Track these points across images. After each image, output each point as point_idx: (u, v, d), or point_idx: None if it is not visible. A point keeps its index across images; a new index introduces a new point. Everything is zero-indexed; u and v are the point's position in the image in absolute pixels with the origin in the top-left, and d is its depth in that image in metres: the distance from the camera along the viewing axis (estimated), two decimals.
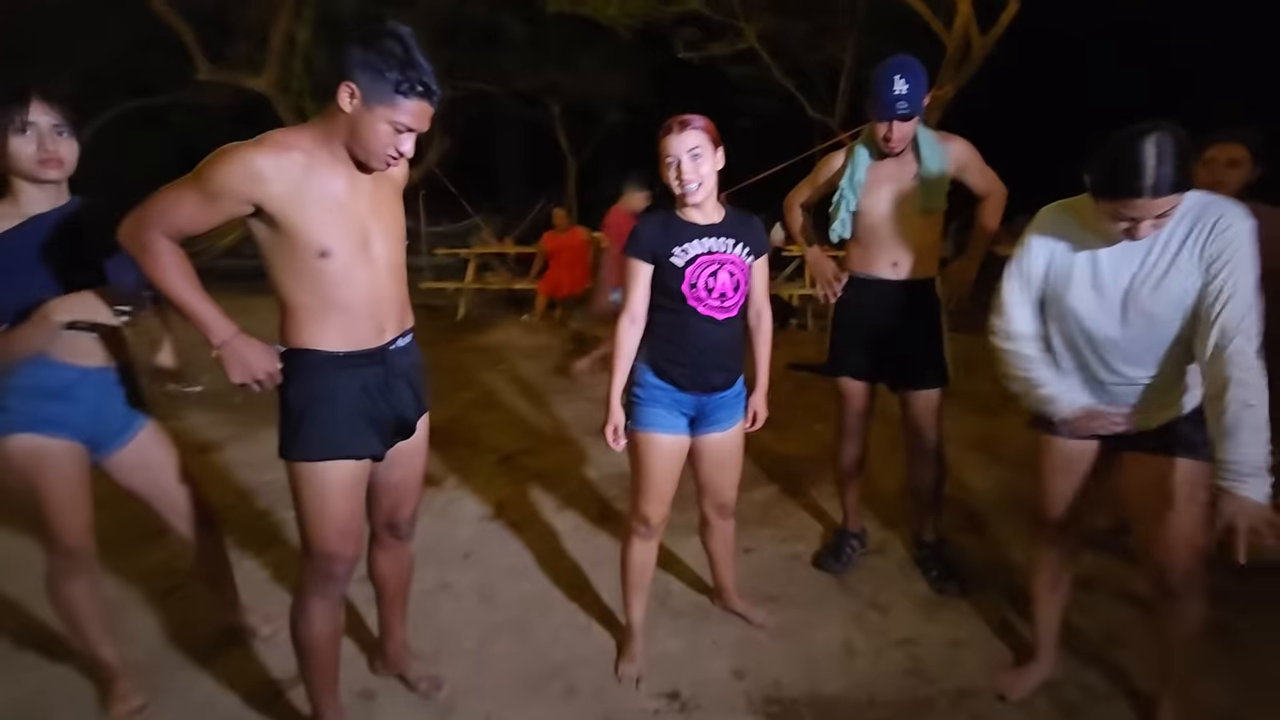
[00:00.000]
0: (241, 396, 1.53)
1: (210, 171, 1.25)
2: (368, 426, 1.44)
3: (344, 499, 1.44)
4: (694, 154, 1.61)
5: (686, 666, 1.93)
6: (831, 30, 8.43)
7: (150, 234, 1.28)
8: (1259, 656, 1.94)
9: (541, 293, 6.77)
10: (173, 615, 2.15)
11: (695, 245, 1.67)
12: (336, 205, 1.33)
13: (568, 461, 3.37)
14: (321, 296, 1.34)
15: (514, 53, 9.72)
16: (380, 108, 1.28)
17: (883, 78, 1.97)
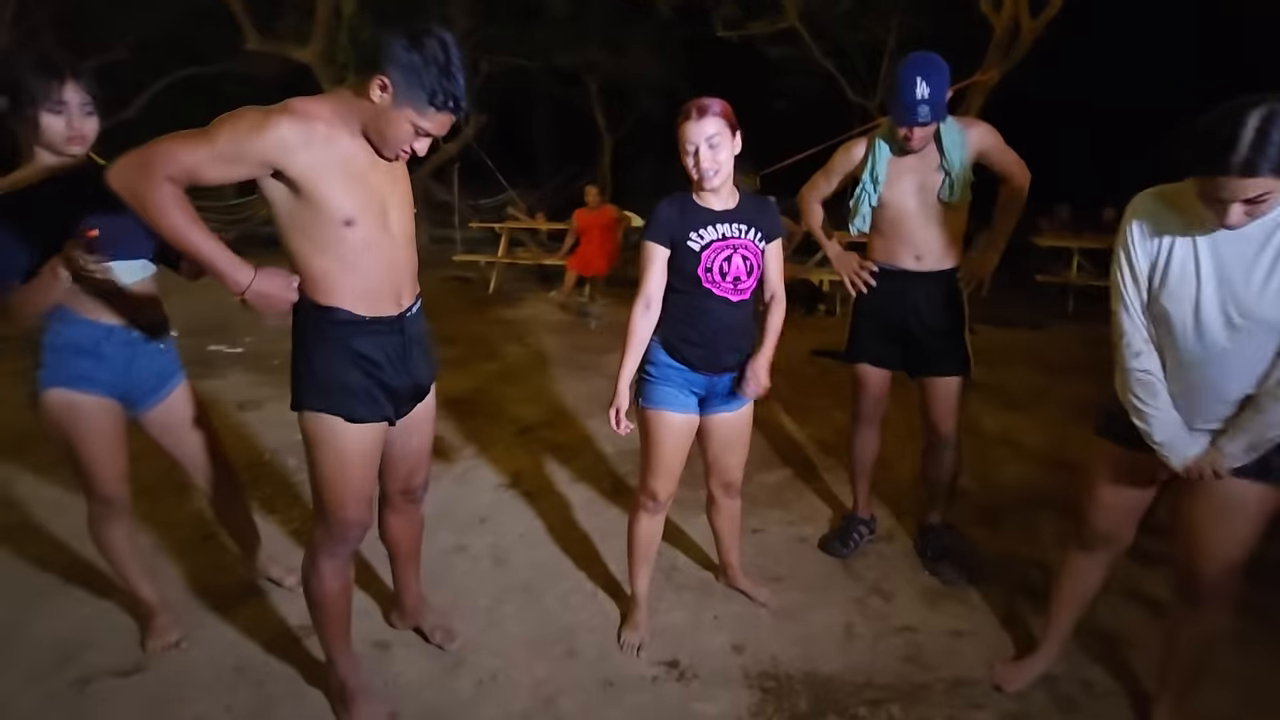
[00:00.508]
0: (280, 359, 1.60)
1: (232, 132, 1.25)
2: (386, 393, 1.48)
3: (362, 465, 1.49)
4: (712, 142, 1.62)
5: (687, 638, 1.99)
6: (875, 9, 8.19)
7: (154, 179, 1.21)
8: (1262, 664, 1.91)
9: (571, 269, 6.82)
10: (205, 562, 2.28)
11: (710, 231, 1.69)
12: (359, 176, 1.36)
13: (584, 436, 3.43)
14: (345, 263, 1.37)
15: (554, 29, 9.69)
16: (409, 109, 1.31)
17: (904, 78, 1.91)
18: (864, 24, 8.39)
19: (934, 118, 1.93)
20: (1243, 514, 1.44)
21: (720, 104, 1.65)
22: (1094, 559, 1.74)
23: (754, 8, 8.05)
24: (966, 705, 1.76)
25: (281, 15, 8.99)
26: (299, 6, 8.72)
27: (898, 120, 1.98)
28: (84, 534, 1.84)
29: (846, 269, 2.27)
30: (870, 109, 8.58)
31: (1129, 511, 1.64)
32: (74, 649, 1.87)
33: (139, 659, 1.84)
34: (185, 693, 1.75)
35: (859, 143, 2.21)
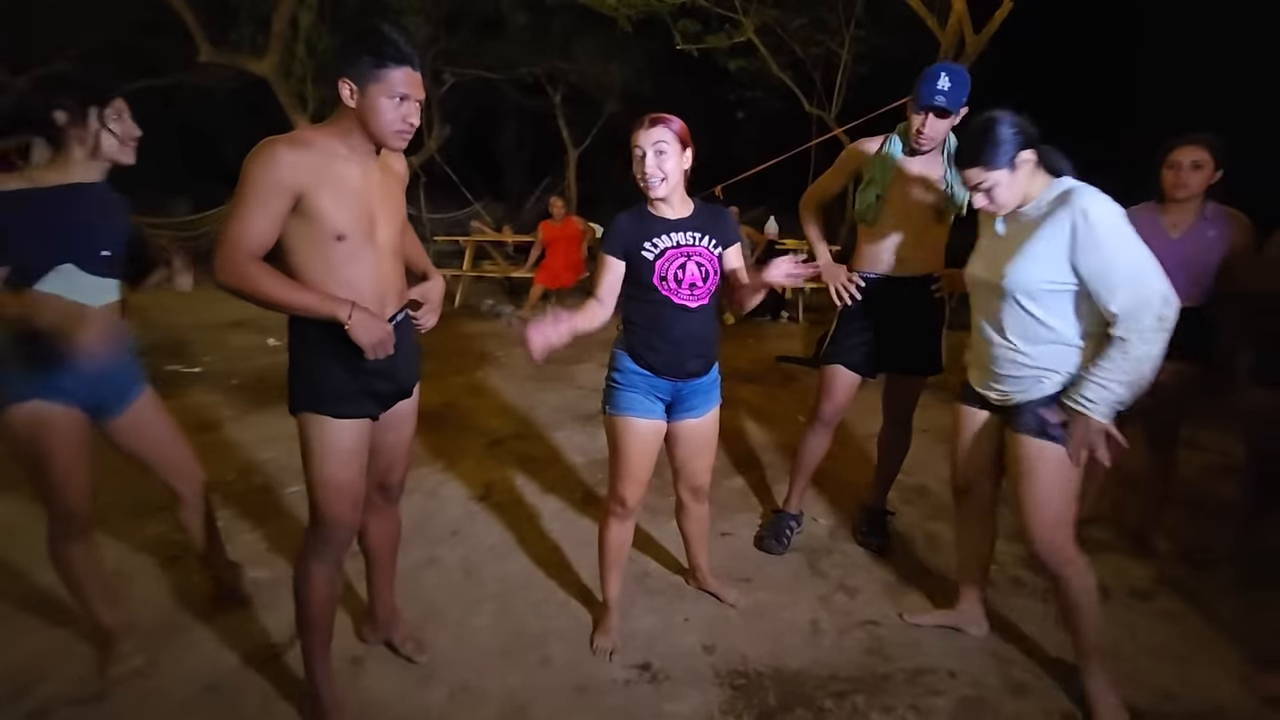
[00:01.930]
0: (239, 379, 1.61)
1: (255, 176, 1.37)
2: (370, 394, 1.56)
3: (348, 461, 1.55)
4: (658, 148, 1.69)
5: (659, 641, 2.03)
6: (828, 25, 8.44)
7: (243, 269, 1.37)
8: (1195, 640, 2.04)
9: (537, 283, 6.83)
10: (172, 583, 2.24)
11: (664, 239, 1.75)
12: (351, 193, 1.46)
13: (554, 447, 3.46)
14: (333, 275, 1.46)
15: (516, 41, 9.72)
16: (373, 87, 1.41)
17: (928, 73, 2.06)
18: (819, 39, 8.63)
19: (949, 106, 2.04)
20: (1036, 472, 1.65)
21: (675, 120, 1.72)
22: (968, 507, 1.98)
23: (712, 22, 8.22)
24: (926, 693, 1.84)
25: (236, 26, 8.83)
26: (255, 18, 8.59)
27: (915, 106, 2.08)
28: (38, 561, 1.80)
29: (834, 280, 2.34)
30: (828, 121, 8.81)
31: (979, 463, 1.90)
32: (29, 680, 1.82)
33: (99, 687, 1.80)
34: (152, 717, 1.72)
35: (871, 141, 2.29)
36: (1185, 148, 2.23)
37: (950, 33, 6.17)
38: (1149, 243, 2.39)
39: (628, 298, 1.83)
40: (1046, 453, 1.63)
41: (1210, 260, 2.25)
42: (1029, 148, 1.59)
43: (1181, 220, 2.29)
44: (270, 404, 3.86)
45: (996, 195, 1.61)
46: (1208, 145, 2.22)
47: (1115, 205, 1.55)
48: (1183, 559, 2.46)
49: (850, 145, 2.35)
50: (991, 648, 2.01)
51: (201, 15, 7.94)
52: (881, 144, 2.25)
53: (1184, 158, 2.23)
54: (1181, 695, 1.83)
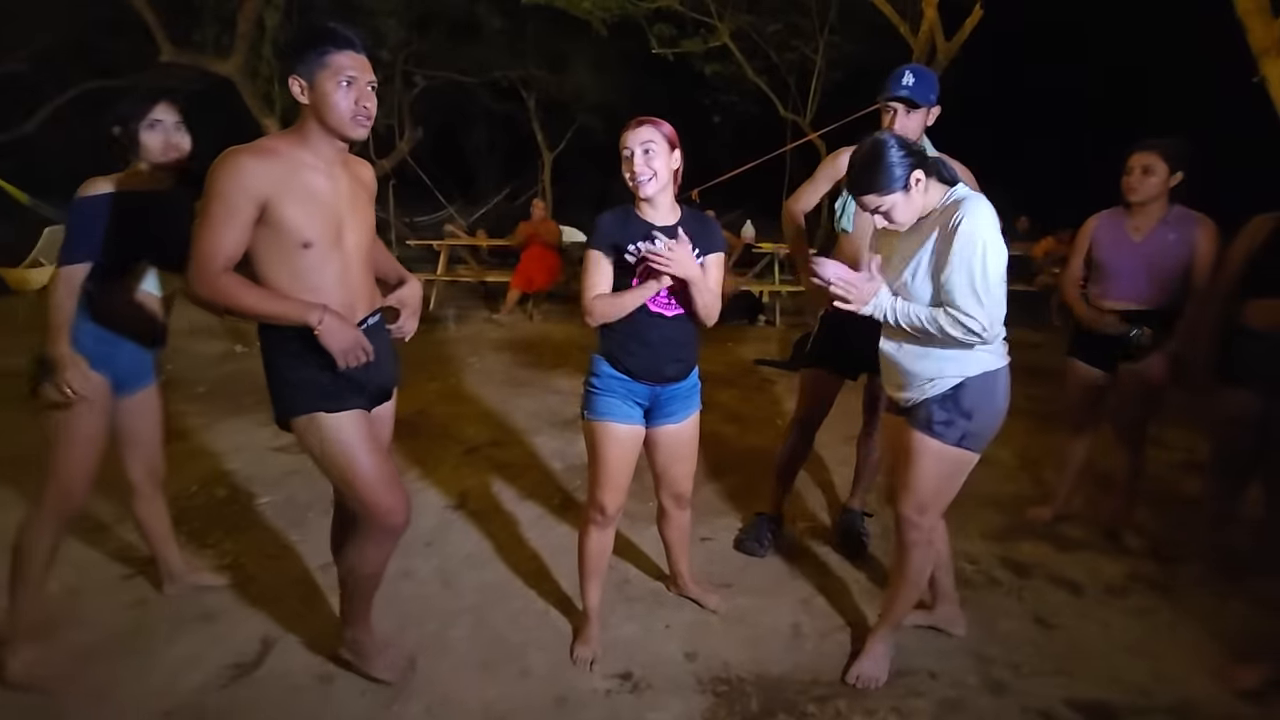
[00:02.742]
0: (205, 386, 1.58)
1: (222, 187, 1.38)
2: (356, 389, 1.57)
3: (373, 449, 1.57)
4: (646, 148, 1.67)
5: (640, 649, 2.00)
6: (803, 31, 8.53)
7: (216, 282, 1.39)
8: (1167, 635, 2.08)
9: (513, 287, 6.78)
10: (128, 600, 2.15)
11: (646, 244, 1.71)
12: (318, 201, 1.47)
13: (531, 453, 3.41)
14: (300, 283, 1.47)
15: (490, 44, 9.64)
16: (319, 75, 1.42)
17: (895, 72, 2.13)
18: (794, 44, 8.72)
19: (913, 98, 2.09)
20: (918, 460, 1.76)
21: (664, 123, 1.71)
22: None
23: (688, 26, 8.25)
24: (907, 694, 1.84)
25: (200, 26, 8.62)
26: (219, 17, 8.40)
27: (881, 99, 2.14)
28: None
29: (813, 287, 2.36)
30: (803, 125, 8.90)
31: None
32: None
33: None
34: None
35: (848, 151, 2.25)
36: (1138, 153, 2.30)
37: (922, 39, 6.28)
38: (1113, 246, 2.47)
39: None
40: (927, 446, 1.74)
41: (1171, 262, 2.31)
42: (919, 168, 1.64)
43: (1144, 224, 2.35)
44: (240, 412, 3.74)
45: (895, 216, 1.67)
46: (1159, 150, 2.28)
47: (990, 222, 1.59)
48: (1154, 555, 2.51)
49: (828, 156, 2.37)
50: (971, 647, 2.02)
51: (164, 15, 7.74)
52: None
53: (1136, 163, 2.30)
54: (1155, 690, 1.86)
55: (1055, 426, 2.79)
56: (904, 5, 6.61)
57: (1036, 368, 4.92)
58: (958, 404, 1.69)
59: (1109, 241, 2.43)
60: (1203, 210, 2.34)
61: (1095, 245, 2.47)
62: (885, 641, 1.92)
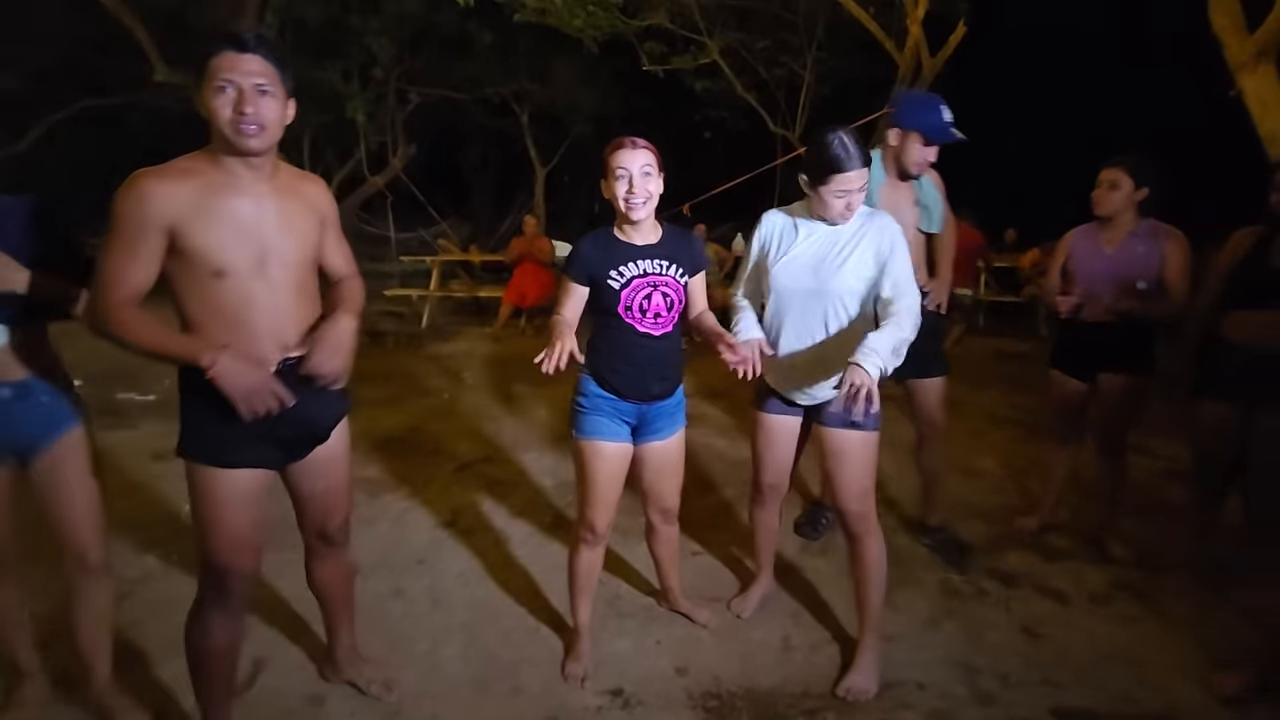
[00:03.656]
0: None
1: (120, 214, 1.28)
2: (263, 439, 1.42)
3: (238, 510, 1.43)
4: (645, 171, 1.69)
5: (631, 665, 2.01)
6: (791, 47, 8.65)
7: (111, 315, 1.29)
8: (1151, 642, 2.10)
9: (506, 302, 6.80)
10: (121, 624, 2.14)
11: (631, 268, 1.74)
12: (236, 225, 1.35)
13: (523, 470, 3.42)
14: (219, 316, 1.36)
15: (482, 61, 9.73)
16: (203, 85, 1.32)
17: (931, 103, 2.20)
18: (782, 60, 8.83)
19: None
20: (851, 457, 1.89)
21: (652, 145, 1.73)
22: (773, 502, 2.18)
23: (677, 44, 8.36)
24: (896, 706, 1.86)
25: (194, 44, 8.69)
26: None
27: (933, 137, 2.21)
28: None
29: None
30: (792, 140, 8.99)
31: (786, 463, 2.10)
32: None
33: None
34: None
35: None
36: (1106, 169, 2.39)
37: (908, 55, 6.38)
38: (1087, 257, 2.54)
39: (592, 322, 1.83)
40: (854, 440, 1.88)
41: (1139, 273, 2.37)
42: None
43: (1115, 236, 2.42)
44: None
45: (859, 199, 1.79)
46: (1125, 166, 2.35)
47: None
48: (1138, 563, 2.54)
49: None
50: (959, 658, 2.04)
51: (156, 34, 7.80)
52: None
53: (1103, 178, 2.40)
54: (1140, 698, 1.88)
55: (1041, 437, 2.82)
56: (889, 22, 6.72)
57: (1022, 378, 4.97)
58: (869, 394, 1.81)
59: (1083, 253, 2.50)
60: (1177, 224, 2.40)
61: (1070, 257, 2.54)
62: (873, 651, 1.96)
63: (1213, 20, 3.63)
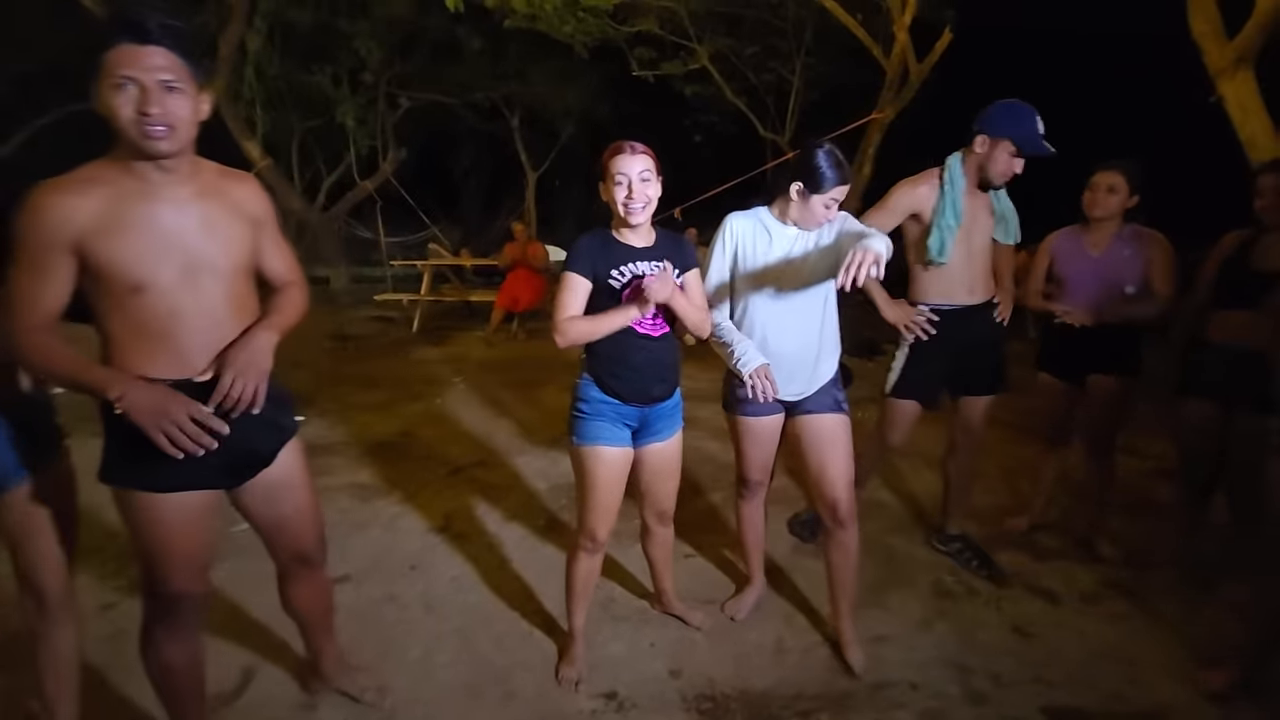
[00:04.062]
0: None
1: (21, 234, 1.19)
2: (203, 458, 1.27)
3: (181, 535, 1.34)
4: (644, 176, 1.70)
5: (625, 668, 2.01)
6: (780, 52, 8.71)
7: (21, 344, 1.20)
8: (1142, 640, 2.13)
9: (498, 306, 6.80)
10: (107, 634, 2.12)
11: (630, 268, 1.75)
12: (154, 235, 1.24)
13: (516, 474, 3.41)
14: (143, 335, 1.26)
15: (472, 65, 9.74)
16: (100, 82, 1.19)
17: (1025, 113, 2.12)
18: (771, 66, 8.89)
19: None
20: (837, 439, 1.97)
21: (650, 150, 1.73)
22: (756, 501, 2.19)
23: (667, 49, 8.40)
24: (889, 706, 1.87)
25: None
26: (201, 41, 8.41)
27: (1025, 148, 2.13)
28: None
29: (901, 318, 2.33)
30: (782, 145, 9.05)
31: (768, 462, 2.12)
32: None
33: None
34: None
35: (923, 181, 2.27)
36: (1103, 172, 2.40)
37: (895, 61, 6.44)
38: (1072, 259, 2.58)
39: None
40: (841, 423, 1.97)
41: (1125, 276, 2.40)
42: None
43: (1100, 240, 2.45)
44: None
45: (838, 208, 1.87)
46: (1123, 171, 2.38)
47: None
48: (1126, 562, 2.56)
49: (899, 187, 2.29)
50: (951, 657, 2.05)
51: None
52: (941, 182, 2.23)
53: (1101, 181, 2.40)
54: (1130, 695, 1.90)
55: (1031, 438, 2.85)
56: (876, 28, 6.78)
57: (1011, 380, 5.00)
58: (839, 379, 2.01)
59: (1068, 256, 2.53)
60: (1157, 228, 2.44)
61: (1055, 260, 2.57)
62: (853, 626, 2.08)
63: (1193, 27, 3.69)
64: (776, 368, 1.93)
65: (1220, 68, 3.62)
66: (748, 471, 2.14)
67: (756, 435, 2.07)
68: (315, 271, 10.53)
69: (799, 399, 1.99)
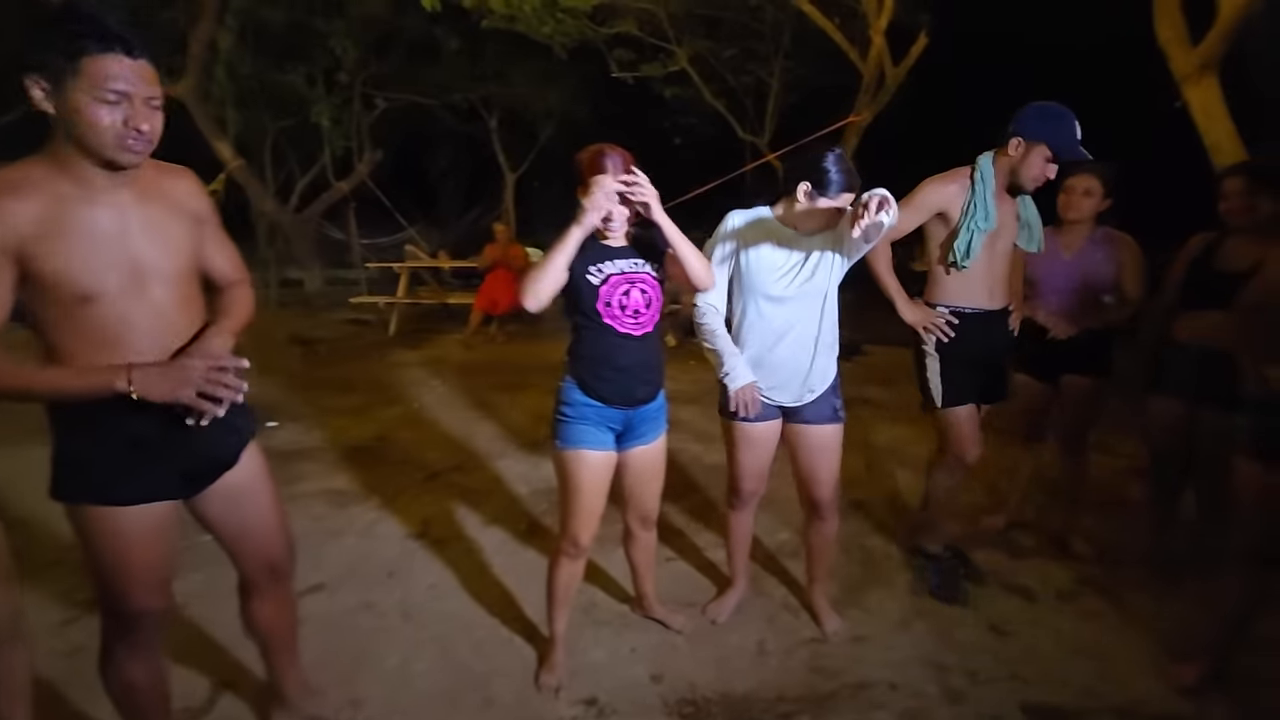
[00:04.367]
0: None
1: None
2: (168, 470, 1.30)
3: (146, 548, 1.30)
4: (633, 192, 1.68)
5: (606, 674, 1.99)
6: (758, 55, 8.77)
7: None
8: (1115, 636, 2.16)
9: (477, 309, 6.74)
10: (66, 649, 2.05)
11: (609, 265, 1.75)
12: (97, 241, 1.19)
13: (496, 478, 3.38)
14: (92, 338, 1.21)
15: (450, 66, 9.65)
16: (71, 83, 1.12)
17: (1060, 116, 2.04)
18: (750, 68, 8.95)
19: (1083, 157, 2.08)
20: (830, 448, 2.04)
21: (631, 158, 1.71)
22: (749, 509, 2.20)
23: (646, 51, 8.41)
24: (869, 706, 1.87)
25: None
26: (168, 38, 8.24)
27: (1061, 153, 2.05)
28: None
29: (920, 319, 2.28)
30: (760, 146, 9.10)
31: (764, 469, 2.12)
32: None
33: None
34: None
35: (951, 180, 2.19)
36: (1079, 175, 2.43)
37: (871, 65, 6.52)
38: (1044, 261, 2.61)
39: (572, 326, 1.82)
40: (837, 433, 2.02)
41: (1099, 278, 2.45)
42: None
43: (1074, 242, 2.49)
44: None
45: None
46: (1099, 174, 2.42)
47: None
48: (1100, 560, 2.61)
49: (928, 185, 2.22)
50: (929, 656, 2.07)
51: None
52: (972, 182, 2.16)
53: (1077, 184, 2.43)
54: (1103, 691, 1.93)
55: (1007, 438, 2.88)
56: (853, 32, 6.86)
57: None
58: (838, 386, 2.03)
59: (1040, 257, 2.55)
60: (1126, 230, 2.49)
61: (1028, 261, 2.59)
62: (827, 597, 2.24)
63: (1158, 34, 3.78)
64: (772, 370, 1.95)
65: (1185, 74, 3.71)
66: (741, 480, 2.12)
67: (752, 440, 2.06)
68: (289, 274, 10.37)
69: (797, 405, 2.00)
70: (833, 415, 2.02)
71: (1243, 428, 1.77)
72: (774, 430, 2.06)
